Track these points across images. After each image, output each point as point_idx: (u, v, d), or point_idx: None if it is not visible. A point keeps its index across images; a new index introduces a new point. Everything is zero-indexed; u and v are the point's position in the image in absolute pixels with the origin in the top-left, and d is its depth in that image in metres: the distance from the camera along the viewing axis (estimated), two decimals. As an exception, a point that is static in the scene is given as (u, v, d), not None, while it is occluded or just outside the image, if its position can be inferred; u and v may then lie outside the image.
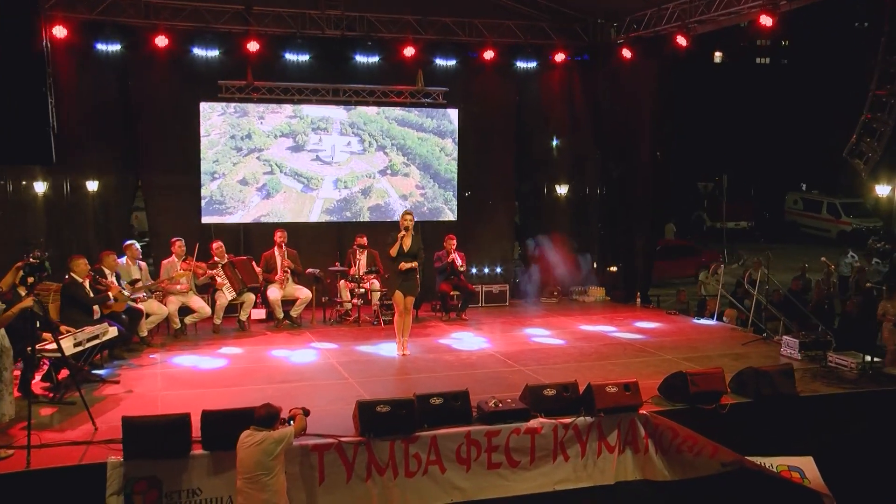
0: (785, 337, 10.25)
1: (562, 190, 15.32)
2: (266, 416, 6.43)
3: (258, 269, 11.85)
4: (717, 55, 55.68)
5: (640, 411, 7.97)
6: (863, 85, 10.98)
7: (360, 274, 12.06)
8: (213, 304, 11.50)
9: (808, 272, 15.14)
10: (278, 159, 13.78)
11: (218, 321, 11.53)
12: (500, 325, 12.35)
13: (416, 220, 11.17)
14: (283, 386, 8.82)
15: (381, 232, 13.28)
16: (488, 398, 7.76)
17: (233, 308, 11.83)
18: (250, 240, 13.57)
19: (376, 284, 12.36)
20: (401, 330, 10.30)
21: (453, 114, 14.42)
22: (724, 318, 12.94)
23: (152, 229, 13.41)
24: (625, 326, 12.20)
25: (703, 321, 12.77)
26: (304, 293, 11.96)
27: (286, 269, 11.92)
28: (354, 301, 12.10)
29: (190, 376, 9.26)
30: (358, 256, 12.34)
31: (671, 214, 29.62)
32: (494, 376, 9.31)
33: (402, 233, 10.09)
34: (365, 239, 12.53)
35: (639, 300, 14.16)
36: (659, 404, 8.20)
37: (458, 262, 12.58)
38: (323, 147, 14.05)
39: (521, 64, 14.71)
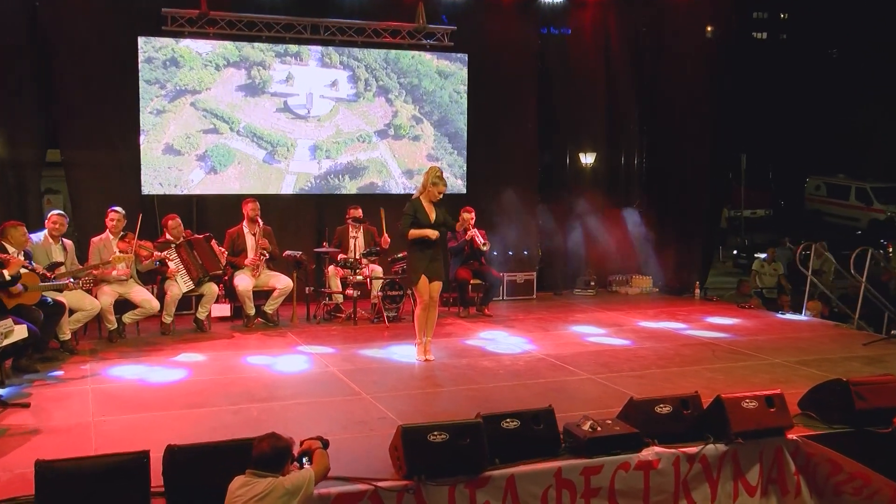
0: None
1: (587, 159, 13.47)
2: (272, 454, 4.47)
3: (221, 251, 9.78)
4: (709, 29, 55.07)
5: (788, 436, 6.16)
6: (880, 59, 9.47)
7: (356, 257, 10.07)
8: (161, 297, 9.42)
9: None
10: (225, 110, 11.44)
11: (168, 319, 9.48)
12: (536, 322, 10.51)
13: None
14: (271, 405, 6.82)
15: (379, 204, 11.40)
16: (580, 419, 5.86)
17: (187, 302, 9.81)
18: (206, 216, 11.46)
19: (377, 270, 10.39)
20: (423, 328, 8.37)
21: (462, 61, 12.50)
22: (807, 312, 11.33)
23: (74, 201, 11.10)
24: (696, 323, 10.47)
25: (789, 316, 11.09)
26: (283, 282, 9.93)
27: (261, 251, 9.88)
28: (349, 292, 10.11)
29: (136, 395, 7.18)
30: (351, 234, 10.36)
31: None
32: (559, 388, 7.45)
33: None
34: (360, 211, 10.57)
35: (698, 292, 12.42)
36: (807, 425, 6.39)
37: (480, 239, 10.63)
38: (294, 90, 11.80)
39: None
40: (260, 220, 9.94)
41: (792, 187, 34.26)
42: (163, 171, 11.17)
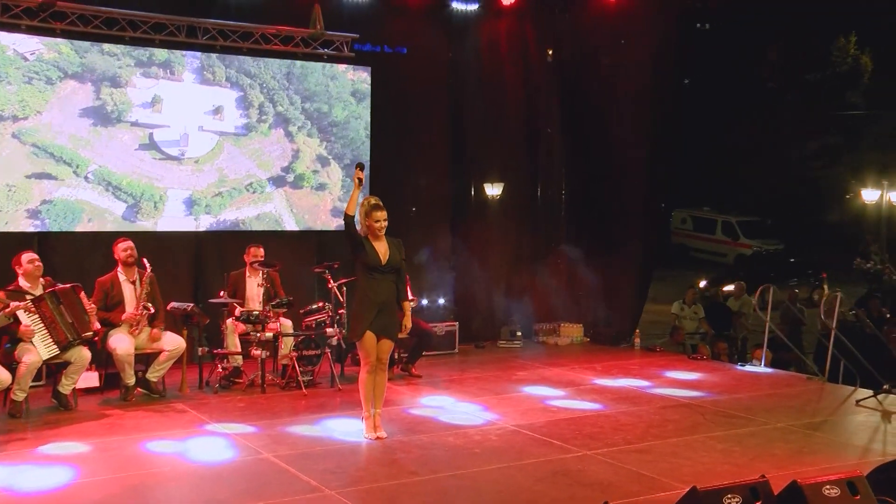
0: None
1: (493, 190, 12.70)
2: None
3: (91, 307, 8.24)
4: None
5: (874, 528, 5.60)
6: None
7: (266, 310, 8.86)
8: (11, 367, 7.81)
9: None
10: (66, 145, 9.53)
11: (21, 396, 7.85)
12: (477, 383, 9.65)
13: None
14: (214, 515, 5.58)
15: (275, 243, 10.29)
16: (641, 520, 5.05)
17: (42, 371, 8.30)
18: (52, 261, 9.70)
19: (287, 325, 9.21)
20: (370, 397, 7.30)
21: (364, 75, 11.52)
22: (754, 361, 11.15)
23: None
24: (657, 379, 9.96)
25: (750, 368, 10.80)
26: (172, 342, 8.56)
27: (143, 304, 8.47)
28: (255, 353, 8.85)
29: (9, 510, 5.72)
30: (258, 282, 9.14)
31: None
32: (559, 470, 6.60)
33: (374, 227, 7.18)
34: (262, 250, 9.41)
35: (638, 341, 11.97)
36: (883, 512, 5.86)
37: (404, 287, 9.69)
38: (164, 119, 10.12)
39: (457, 6, 12.16)
40: (148, 265, 8.54)
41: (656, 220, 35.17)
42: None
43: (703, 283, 15.25)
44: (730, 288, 15.22)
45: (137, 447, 6.99)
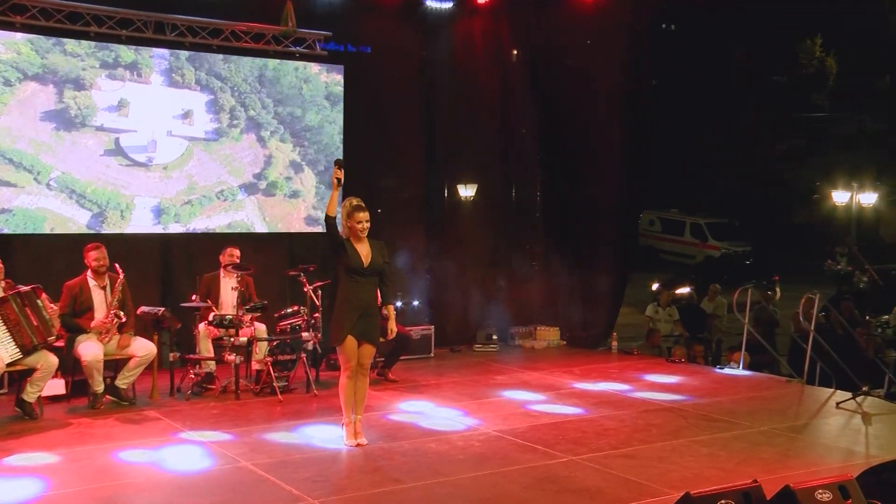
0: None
1: (467, 191, 12.62)
2: None
3: (53, 310, 8.01)
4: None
5: (867, 532, 5.60)
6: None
7: (239, 314, 8.70)
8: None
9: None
10: (27, 151, 9.25)
11: (-17, 404, 7.67)
12: (456, 387, 9.58)
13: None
14: (195, 527, 5.43)
15: (251, 248, 10.13)
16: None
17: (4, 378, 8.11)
18: (12, 263, 9.43)
19: (261, 329, 9.06)
20: (350, 403, 7.18)
21: (338, 77, 11.38)
22: (733, 364, 11.17)
23: None
24: (637, 383, 9.94)
25: (728, 371, 10.80)
26: (143, 348, 8.37)
27: (114, 312, 8.27)
28: (229, 358, 8.69)
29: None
30: (232, 285, 8.96)
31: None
32: (546, 476, 6.53)
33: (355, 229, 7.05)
34: (238, 252, 9.25)
35: (615, 344, 11.97)
36: (872, 514, 5.86)
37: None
38: (130, 123, 9.87)
39: (432, 4, 12.08)
40: (120, 270, 8.33)
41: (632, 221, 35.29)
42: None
43: (655, 286, 15.27)
44: (682, 291, 15.23)
45: (109, 457, 6.81)
